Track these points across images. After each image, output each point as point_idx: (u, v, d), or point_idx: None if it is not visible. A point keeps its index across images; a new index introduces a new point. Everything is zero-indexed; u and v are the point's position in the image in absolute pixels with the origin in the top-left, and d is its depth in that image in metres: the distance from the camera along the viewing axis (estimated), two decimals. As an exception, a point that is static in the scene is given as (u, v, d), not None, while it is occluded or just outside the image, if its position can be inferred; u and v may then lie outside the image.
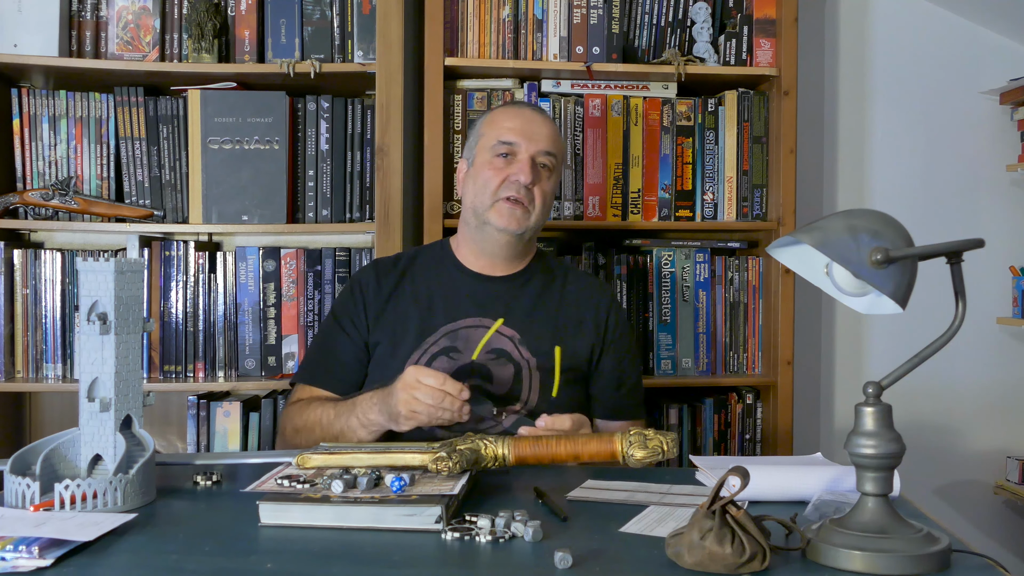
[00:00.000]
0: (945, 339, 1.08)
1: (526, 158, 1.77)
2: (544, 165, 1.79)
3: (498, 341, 1.74)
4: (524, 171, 1.75)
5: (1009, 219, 2.81)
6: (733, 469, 1.02)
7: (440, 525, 1.13)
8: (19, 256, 2.33)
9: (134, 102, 2.33)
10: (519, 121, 1.80)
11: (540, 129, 1.80)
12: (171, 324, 2.34)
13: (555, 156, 1.81)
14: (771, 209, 2.45)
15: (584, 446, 1.34)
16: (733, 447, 2.46)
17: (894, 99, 2.79)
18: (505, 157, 1.78)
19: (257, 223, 2.31)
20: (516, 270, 1.85)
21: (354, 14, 2.32)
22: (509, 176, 1.76)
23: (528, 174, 1.75)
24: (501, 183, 1.76)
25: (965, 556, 1.05)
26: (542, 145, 1.79)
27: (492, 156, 1.79)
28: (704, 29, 2.45)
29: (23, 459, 1.28)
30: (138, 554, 1.07)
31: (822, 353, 2.79)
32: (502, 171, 1.77)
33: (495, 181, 1.77)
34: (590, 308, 1.86)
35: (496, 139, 1.79)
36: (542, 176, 1.79)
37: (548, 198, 1.81)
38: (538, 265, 1.88)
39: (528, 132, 1.79)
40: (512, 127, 1.80)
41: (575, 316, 1.84)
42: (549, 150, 1.80)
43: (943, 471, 2.81)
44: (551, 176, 1.81)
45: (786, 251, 1.23)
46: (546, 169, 1.80)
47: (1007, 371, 2.82)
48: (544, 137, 1.80)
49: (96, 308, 1.27)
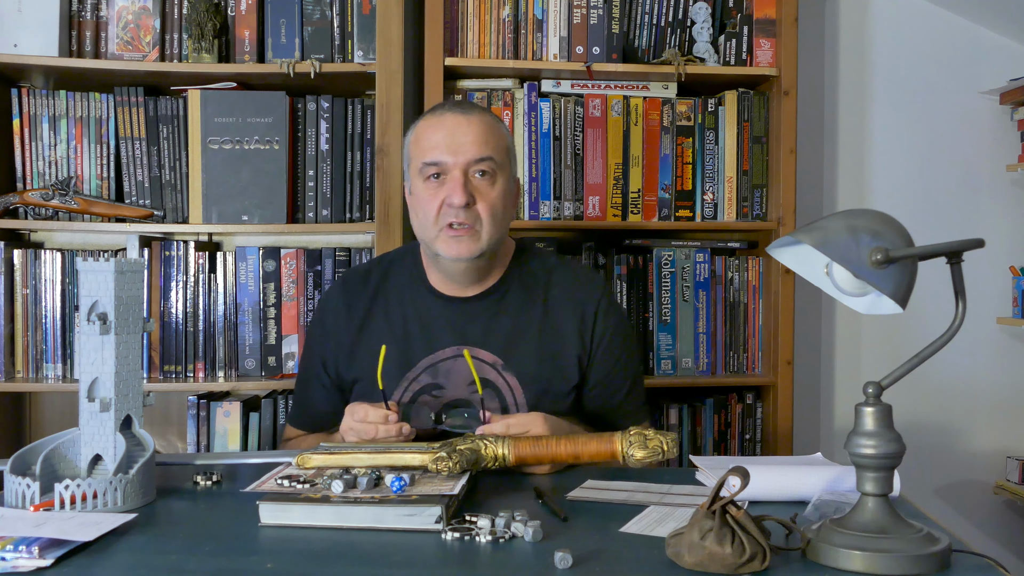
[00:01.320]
0: (945, 339, 1.08)
1: (457, 176, 1.58)
2: (483, 172, 1.59)
3: (481, 370, 1.63)
4: (457, 192, 1.56)
5: (1009, 219, 2.81)
6: (733, 469, 1.02)
7: (440, 525, 1.13)
8: (19, 256, 2.33)
9: (134, 102, 2.33)
10: (441, 133, 1.60)
11: (467, 136, 1.59)
12: (171, 324, 2.34)
13: (492, 159, 1.60)
14: (771, 209, 2.45)
15: (584, 446, 1.34)
16: (733, 447, 2.47)
17: (894, 99, 2.79)
18: (436, 178, 1.60)
19: (257, 223, 2.31)
20: (490, 285, 1.69)
21: (354, 14, 2.32)
22: (444, 199, 1.58)
23: (461, 195, 1.56)
24: (439, 210, 1.59)
25: (965, 556, 1.05)
26: (471, 154, 1.58)
27: (423, 180, 1.61)
28: (704, 29, 2.46)
29: (23, 459, 1.28)
30: (138, 554, 1.07)
31: (822, 353, 2.79)
32: (436, 195, 1.59)
33: (432, 209, 1.59)
34: (575, 315, 1.70)
35: (421, 160, 1.61)
36: (482, 187, 1.59)
37: (499, 207, 1.61)
38: (516, 271, 1.71)
39: (453, 144, 1.59)
40: (434, 142, 1.60)
41: (560, 328, 1.69)
42: (481, 156, 1.59)
43: (943, 471, 2.81)
44: (495, 181, 1.61)
45: (786, 251, 1.23)
46: (487, 176, 1.60)
47: (1007, 371, 2.82)
48: (473, 143, 1.59)
49: (96, 308, 1.27)
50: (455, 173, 1.58)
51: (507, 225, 1.67)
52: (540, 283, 1.71)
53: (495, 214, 1.60)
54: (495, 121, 1.67)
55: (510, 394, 1.65)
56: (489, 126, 1.63)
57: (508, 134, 1.69)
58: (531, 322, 1.68)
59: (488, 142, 1.61)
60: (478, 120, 1.62)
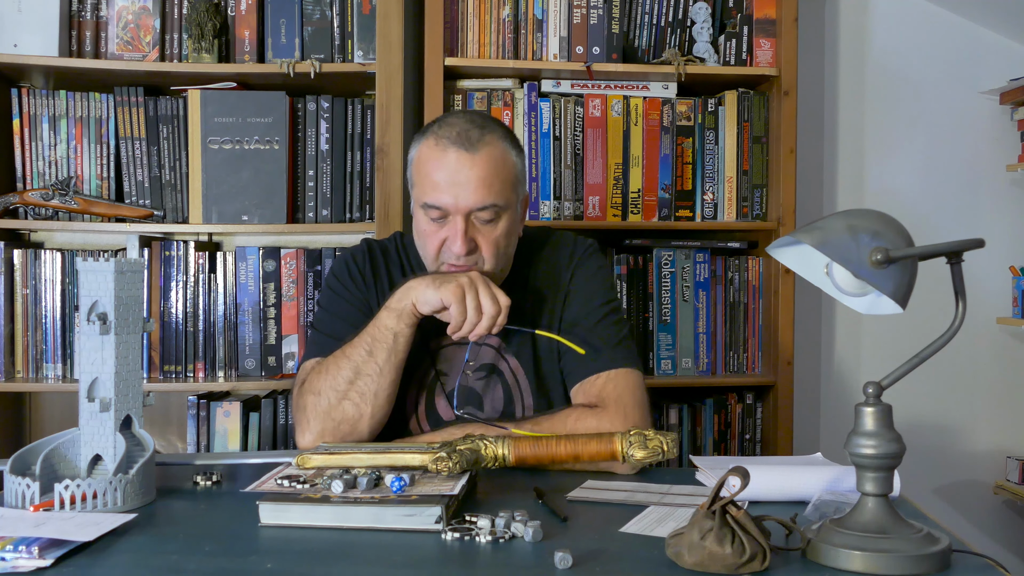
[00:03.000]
0: (945, 339, 1.08)
1: (459, 221, 1.52)
2: (486, 219, 1.54)
3: (484, 353, 1.63)
4: (457, 241, 1.52)
5: (1009, 219, 2.81)
6: (733, 469, 1.02)
7: (440, 525, 1.13)
8: (19, 256, 2.33)
9: (134, 102, 2.33)
10: (444, 173, 1.52)
11: (469, 182, 1.51)
12: (171, 324, 2.34)
13: (496, 205, 1.54)
14: (771, 209, 2.45)
15: (584, 446, 1.34)
16: (733, 447, 2.47)
17: (894, 99, 2.79)
18: (437, 219, 1.55)
19: (257, 223, 2.31)
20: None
21: (354, 14, 2.32)
22: (446, 241, 1.54)
23: (462, 245, 1.52)
24: (439, 249, 1.56)
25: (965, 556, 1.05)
26: (473, 201, 1.52)
27: (424, 213, 1.56)
28: (704, 29, 2.46)
29: (23, 459, 1.27)
30: (138, 554, 1.06)
31: (822, 353, 2.79)
32: (437, 235, 1.55)
33: (432, 247, 1.56)
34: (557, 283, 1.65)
35: (423, 199, 1.55)
36: (485, 230, 1.55)
37: (503, 243, 1.57)
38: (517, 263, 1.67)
39: (455, 188, 1.51)
40: (437, 182, 1.53)
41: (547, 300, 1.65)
42: (484, 204, 1.52)
43: (943, 471, 2.81)
44: (499, 221, 1.56)
45: (786, 251, 1.23)
46: (491, 221, 1.55)
47: (1007, 371, 2.82)
48: (475, 190, 1.51)
49: (96, 308, 1.26)
50: (457, 219, 1.53)
51: (512, 251, 1.63)
52: (533, 263, 1.69)
53: (498, 252, 1.57)
54: (503, 152, 1.57)
55: (512, 376, 1.64)
56: (495, 163, 1.54)
57: (517, 161, 1.61)
58: (524, 301, 1.64)
59: (492, 186, 1.53)
60: (483, 159, 1.53)
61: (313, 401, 1.52)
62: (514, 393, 1.64)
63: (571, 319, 1.63)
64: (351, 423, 1.51)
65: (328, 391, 1.52)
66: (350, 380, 1.51)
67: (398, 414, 1.61)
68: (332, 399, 1.51)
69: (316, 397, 1.52)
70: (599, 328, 1.61)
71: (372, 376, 1.51)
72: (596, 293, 1.65)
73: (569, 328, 1.62)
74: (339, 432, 1.52)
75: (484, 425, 1.50)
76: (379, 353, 1.51)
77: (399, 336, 1.51)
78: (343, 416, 1.51)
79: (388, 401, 1.54)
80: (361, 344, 1.52)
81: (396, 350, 1.51)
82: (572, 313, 1.63)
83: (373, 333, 1.51)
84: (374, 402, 1.51)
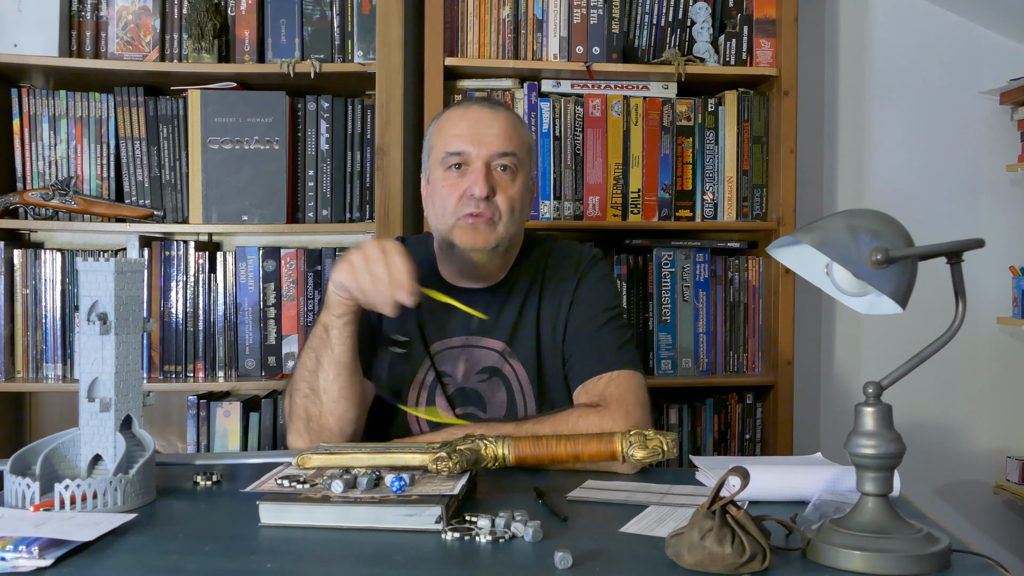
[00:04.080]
0: (945, 339, 1.08)
1: (480, 167, 1.58)
2: (505, 167, 1.60)
3: (487, 356, 1.65)
4: (479, 183, 1.57)
5: (1009, 219, 2.81)
6: (733, 469, 1.02)
7: (440, 525, 1.13)
8: (19, 256, 2.33)
9: (134, 102, 2.33)
10: (466, 124, 1.61)
11: (491, 129, 1.60)
12: (171, 324, 2.34)
13: (515, 155, 1.61)
14: (771, 209, 2.45)
15: (584, 446, 1.34)
16: (733, 447, 2.47)
17: (894, 99, 2.79)
18: (458, 168, 1.60)
19: (257, 223, 2.31)
20: (500, 279, 1.68)
21: (354, 14, 2.32)
22: (465, 191, 1.58)
23: (483, 186, 1.57)
24: (459, 200, 1.59)
25: (965, 556, 1.05)
26: (496, 147, 1.59)
27: (444, 170, 1.61)
28: (704, 29, 2.46)
29: (23, 459, 1.27)
30: (138, 554, 1.06)
31: (822, 353, 2.79)
32: (457, 186, 1.59)
33: (452, 199, 1.59)
34: (564, 292, 1.68)
35: (444, 150, 1.61)
36: (503, 182, 1.60)
37: (517, 202, 1.62)
38: (523, 263, 1.71)
39: (478, 136, 1.59)
40: (459, 133, 1.61)
41: (554, 308, 1.67)
42: (505, 150, 1.60)
43: (943, 471, 2.81)
44: (516, 177, 1.62)
45: (786, 251, 1.23)
46: (508, 171, 1.61)
47: (1007, 371, 2.82)
48: (497, 137, 1.60)
49: (96, 308, 1.26)
50: (477, 164, 1.59)
51: (523, 222, 1.67)
52: (540, 269, 1.71)
53: (513, 208, 1.61)
54: (519, 120, 1.69)
55: (515, 380, 1.65)
56: (513, 123, 1.65)
57: (530, 134, 1.71)
58: (531, 308, 1.67)
59: (512, 137, 1.62)
60: (503, 116, 1.64)
61: (288, 402, 1.59)
62: (516, 396, 1.65)
63: (576, 324, 1.66)
64: (317, 421, 1.54)
65: (294, 391, 1.57)
66: (305, 379, 1.55)
67: (398, 414, 1.62)
68: (297, 399, 1.56)
69: (289, 398, 1.59)
70: (603, 332, 1.64)
71: (317, 373, 1.54)
72: (601, 300, 1.68)
73: (573, 332, 1.65)
74: (312, 431, 1.55)
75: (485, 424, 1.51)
76: (320, 349, 1.53)
77: (331, 328, 1.51)
78: (308, 415, 1.55)
79: (342, 396, 1.53)
80: (309, 343, 1.56)
81: (331, 344, 1.51)
82: (577, 319, 1.66)
83: (314, 331, 1.55)
84: (325, 399, 1.53)
